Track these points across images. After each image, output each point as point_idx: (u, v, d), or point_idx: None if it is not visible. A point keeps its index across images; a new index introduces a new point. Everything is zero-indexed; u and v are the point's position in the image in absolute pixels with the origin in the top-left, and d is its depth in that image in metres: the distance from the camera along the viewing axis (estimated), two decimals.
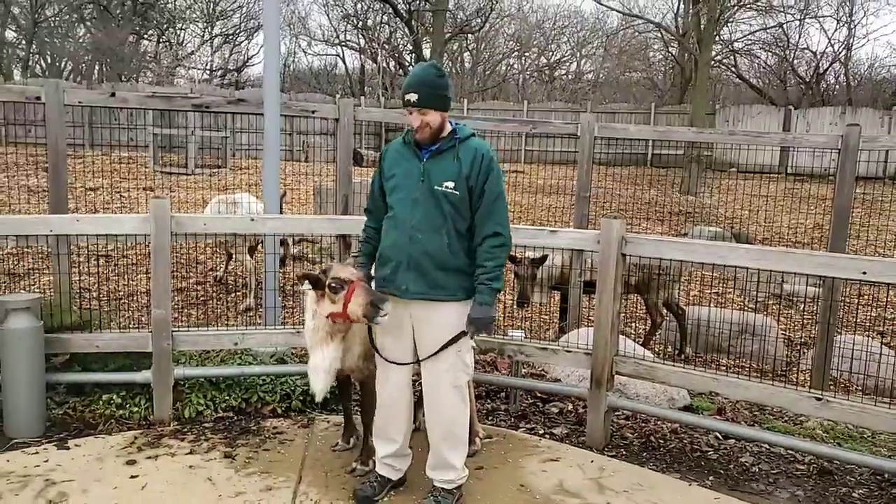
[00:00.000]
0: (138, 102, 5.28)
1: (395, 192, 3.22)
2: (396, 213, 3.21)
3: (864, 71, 30.78)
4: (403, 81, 3.33)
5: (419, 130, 3.15)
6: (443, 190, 3.13)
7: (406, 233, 3.16)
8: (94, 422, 4.15)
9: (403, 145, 3.28)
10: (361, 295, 3.12)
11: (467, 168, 3.13)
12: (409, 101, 3.13)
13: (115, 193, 10.24)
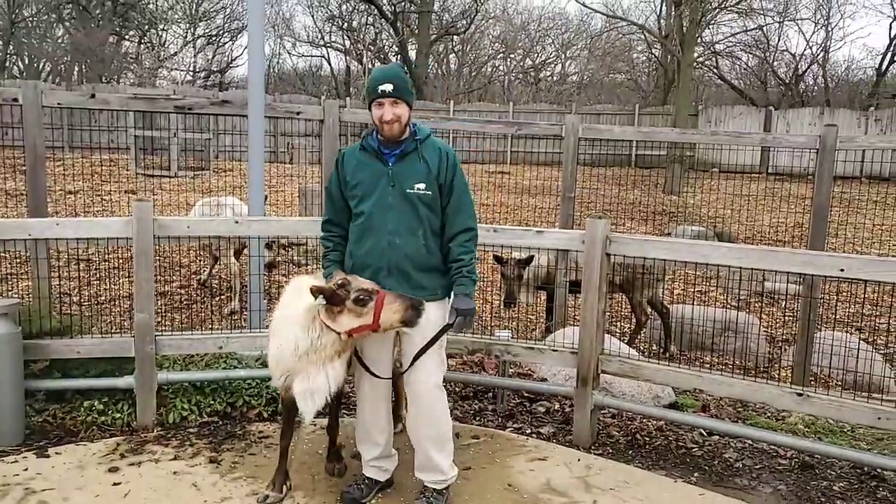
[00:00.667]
0: (120, 104, 5.22)
1: (365, 199, 3.19)
2: (369, 219, 3.17)
3: (841, 72, 31.34)
4: (371, 78, 3.20)
5: (388, 125, 3.11)
6: (415, 192, 3.15)
7: (383, 238, 3.14)
8: (75, 429, 4.08)
9: (362, 151, 3.25)
10: (396, 301, 3.01)
11: (435, 167, 3.19)
12: (383, 92, 3.08)
13: (95, 196, 10.12)
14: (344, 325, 3.00)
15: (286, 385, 3.20)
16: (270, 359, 3.24)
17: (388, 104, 3.10)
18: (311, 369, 3.05)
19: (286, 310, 3.21)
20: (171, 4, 31.39)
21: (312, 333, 3.03)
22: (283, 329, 3.14)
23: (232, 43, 33.52)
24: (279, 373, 3.17)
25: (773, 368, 5.87)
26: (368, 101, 3.19)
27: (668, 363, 4.43)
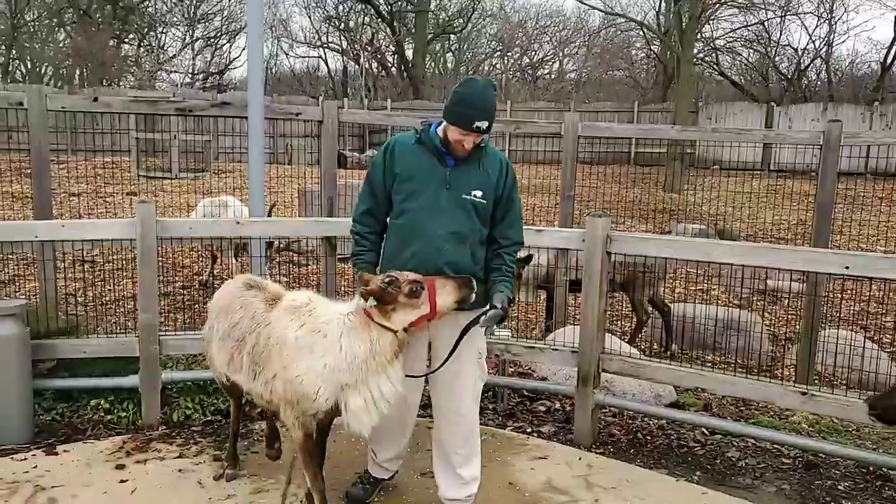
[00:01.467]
0: (122, 107, 5.26)
1: (414, 197, 3.00)
2: (415, 220, 2.99)
3: (844, 67, 31.21)
4: (465, 99, 2.90)
5: (464, 150, 2.96)
6: (471, 199, 3.01)
7: (432, 243, 2.96)
8: (82, 427, 4.13)
9: (419, 145, 3.05)
10: (447, 284, 2.86)
11: (495, 177, 3.07)
12: (478, 129, 2.90)
13: (98, 199, 10.16)
14: (401, 322, 2.82)
15: (326, 409, 2.89)
16: (309, 381, 2.82)
17: (473, 137, 2.93)
18: (371, 378, 2.80)
19: (312, 321, 2.90)
20: (170, 7, 31.43)
21: (370, 337, 2.81)
22: (324, 343, 2.83)
23: (230, 45, 33.59)
24: (328, 393, 2.82)
25: (775, 367, 5.88)
26: (451, 121, 2.93)
27: (670, 362, 4.45)
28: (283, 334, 2.90)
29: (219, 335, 3.22)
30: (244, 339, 3.05)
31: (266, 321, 3.00)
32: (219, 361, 3.24)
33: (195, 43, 32.91)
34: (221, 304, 3.28)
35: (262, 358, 2.96)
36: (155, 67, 30.10)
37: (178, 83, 30.92)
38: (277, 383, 2.91)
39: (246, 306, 3.11)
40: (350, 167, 16.50)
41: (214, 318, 3.29)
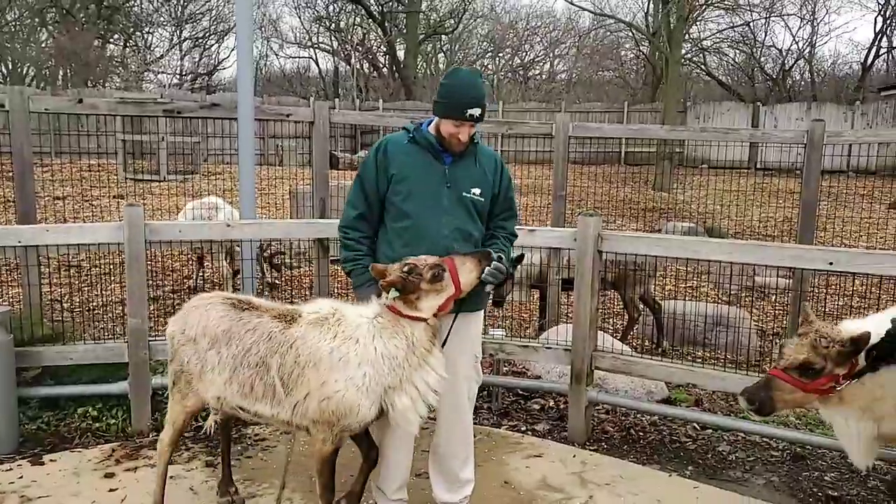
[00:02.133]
0: (108, 108, 5.20)
1: (413, 197, 2.92)
2: (419, 222, 2.92)
3: (827, 67, 31.59)
4: (454, 88, 2.87)
5: (459, 143, 2.91)
6: (471, 197, 2.96)
7: (438, 244, 2.88)
8: (69, 436, 4.07)
9: (413, 144, 2.98)
10: (467, 261, 2.77)
11: (491, 175, 3.05)
12: (471, 116, 2.84)
13: (84, 202, 10.06)
14: (429, 308, 2.72)
15: (371, 420, 2.76)
16: (351, 395, 2.68)
17: (468, 126, 2.88)
18: (415, 374, 2.72)
19: (344, 329, 2.76)
20: (157, 7, 31.19)
21: (405, 333, 2.71)
22: (359, 350, 2.70)
23: (218, 45, 33.38)
24: (371, 402, 2.70)
25: (764, 362, 5.91)
26: (444, 113, 2.90)
27: (661, 358, 4.46)
28: (316, 349, 2.73)
29: (222, 365, 2.90)
30: (265, 363, 2.81)
31: (290, 340, 2.79)
32: (228, 394, 2.91)
33: (183, 43, 32.72)
34: (212, 330, 2.94)
35: (292, 379, 2.76)
36: (142, 68, 29.86)
37: (166, 84, 30.71)
38: (311, 403, 2.74)
39: (257, 328, 2.86)
40: (342, 168, 16.47)
41: (206, 347, 2.94)
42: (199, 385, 3.00)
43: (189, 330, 3.00)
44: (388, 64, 31.59)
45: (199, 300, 3.12)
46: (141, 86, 27.63)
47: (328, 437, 2.78)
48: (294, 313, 2.90)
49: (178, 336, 3.05)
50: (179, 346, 3.04)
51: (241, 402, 2.91)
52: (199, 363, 2.97)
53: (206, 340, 2.94)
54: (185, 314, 3.08)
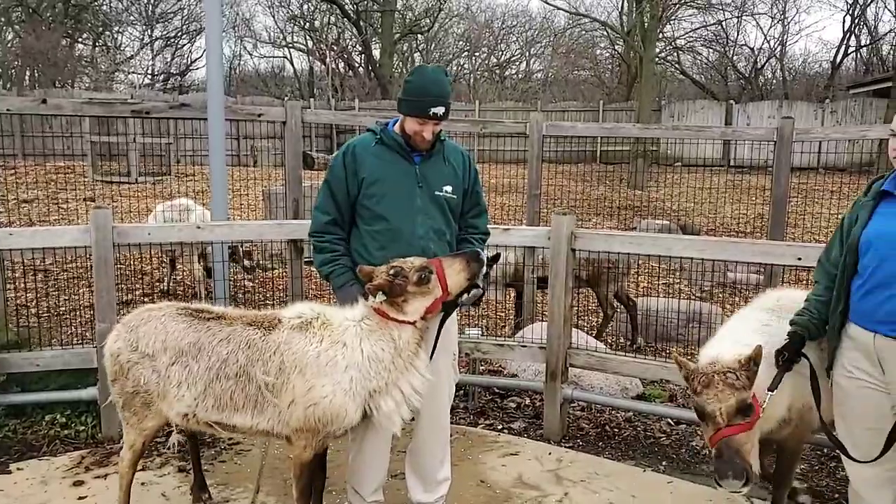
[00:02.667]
0: (74, 109, 5.09)
1: (387, 199, 2.89)
2: (394, 224, 2.89)
3: (798, 66, 32.18)
4: (418, 87, 2.85)
5: (424, 140, 2.89)
6: (443, 195, 2.95)
7: (415, 245, 2.87)
8: (37, 444, 3.99)
9: (380, 146, 2.95)
10: (455, 262, 2.74)
11: (460, 171, 3.04)
12: (435, 115, 2.83)
13: (52, 205, 9.85)
14: (416, 311, 2.69)
15: (355, 424, 2.73)
16: (339, 399, 2.64)
17: (430, 124, 2.87)
18: (401, 376, 2.69)
19: (330, 333, 2.72)
20: (126, 6, 30.64)
21: (392, 336, 2.68)
22: (346, 353, 2.66)
23: (191, 45, 32.87)
24: (356, 406, 2.67)
25: None
26: (408, 112, 2.88)
27: (635, 355, 4.50)
28: (302, 354, 2.66)
29: (192, 379, 2.76)
30: (246, 372, 2.70)
31: (272, 346, 2.71)
32: (201, 409, 2.77)
33: (154, 43, 32.21)
34: (175, 343, 2.79)
35: (276, 387, 2.68)
36: (111, 68, 29.32)
37: (137, 84, 30.20)
38: (296, 410, 2.66)
39: (231, 337, 2.75)
40: (318, 168, 16.34)
41: (169, 362, 2.79)
42: (161, 404, 2.84)
43: (142, 346, 2.83)
44: (363, 63, 31.45)
45: (146, 312, 2.94)
46: (111, 86, 27.12)
47: (310, 443, 2.73)
48: (271, 319, 2.81)
49: (127, 353, 2.86)
50: (130, 365, 2.85)
51: (216, 417, 2.78)
52: (160, 381, 2.81)
53: (167, 355, 2.79)
54: (132, 329, 2.89)
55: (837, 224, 2.74)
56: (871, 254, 2.50)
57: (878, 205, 2.57)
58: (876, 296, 2.49)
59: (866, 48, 29.42)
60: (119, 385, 2.92)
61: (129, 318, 2.97)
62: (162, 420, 2.94)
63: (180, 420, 2.87)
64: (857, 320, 2.58)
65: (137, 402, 2.89)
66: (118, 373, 2.90)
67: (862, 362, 2.57)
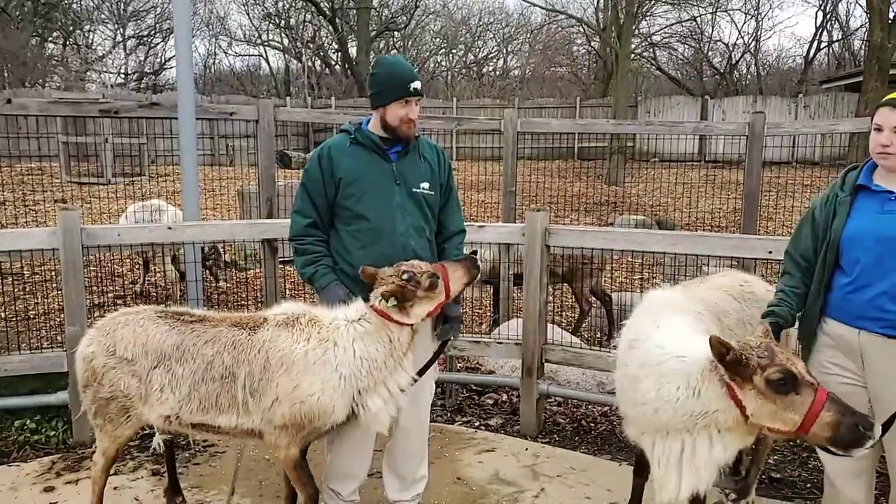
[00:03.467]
0: (40, 109, 5.00)
1: (366, 198, 2.89)
2: (375, 223, 2.89)
3: (772, 61, 32.63)
4: (390, 70, 2.89)
5: (410, 124, 2.90)
6: (421, 192, 2.96)
7: (396, 243, 2.88)
8: (6, 450, 3.93)
9: (355, 146, 2.94)
10: (458, 269, 2.82)
11: (436, 167, 3.05)
12: (415, 90, 2.85)
13: (23, 207, 9.66)
14: (419, 315, 2.73)
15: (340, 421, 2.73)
16: (326, 397, 2.63)
17: (414, 103, 2.88)
18: (389, 376, 2.72)
19: (318, 331, 2.70)
20: (97, 4, 30.08)
21: (389, 336, 2.70)
22: (337, 352, 2.66)
23: (164, 43, 32.33)
24: (343, 404, 2.67)
25: None
26: (389, 99, 2.87)
27: (610, 350, 4.53)
28: (288, 352, 2.64)
29: (176, 382, 2.72)
30: (232, 373, 2.68)
31: (258, 345, 2.69)
32: (185, 411, 2.74)
33: (127, 42, 31.69)
34: (156, 347, 2.74)
35: (262, 385, 2.66)
36: (83, 68, 28.80)
37: (110, 84, 29.70)
38: (282, 407, 2.64)
39: (217, 339, 2.72)
40: (295, 167, 16.21)
41: (150, 366, 2.74)
42: (141, 408, 2.80)
43: (120, 350, 2.78)
44: (339, 61, 31.27)
45: (122, 316, 2.89)
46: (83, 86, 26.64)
47: (294, 440, 2.71)
48: (256, 319, 2.79)
49: (103, 358, 2.79)
50: (106, 370, 2.79)
51: (200, 418, 2.75)
52: (140, 385, 2.76)
53: (148, 359, 2.75)
54: (108, 333, 2.83)
55: (806, 214, 2.73)
56: (857, 251, 2.49)
57: (854, 199, 2.56)
58: (865, 293, 2.47)
59: (838, 43, 29.97)
60: (92, 391, 2.85)
61: (105, 323, 2.90)
62: (140, 425, 2.89)
63: (161, 423, 2.82)
64: (838, 316, 2.56)
65: (113, 408, 2.83)
66: (91, 378, 2.84)
67: (840, 358, 2.57)
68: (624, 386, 2.64)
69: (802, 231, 2.72)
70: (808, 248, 2.67)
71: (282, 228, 4.22)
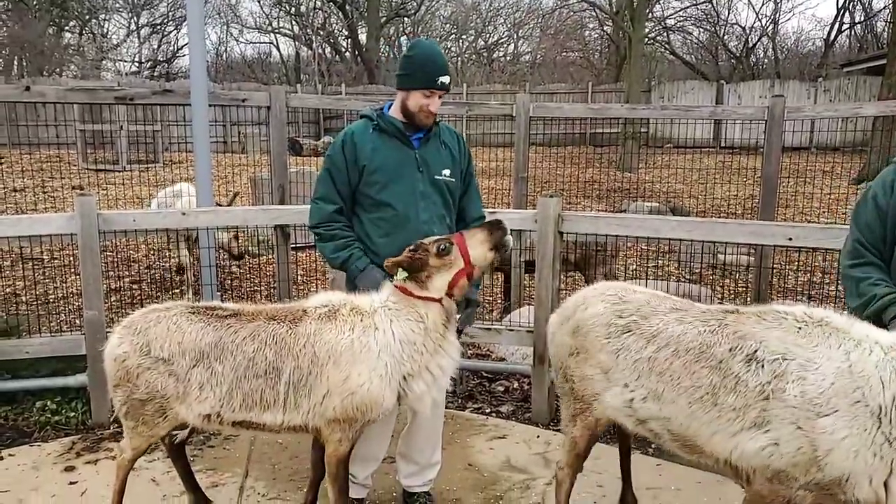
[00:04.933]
0: (58, 96, 5.05)
1: (390, 186, 2.88)
2: (399, 211, 2.88)
3: (790, 44, 32.07)
4: (421, 58, 2.86)
5: (430, 115, 2.89)
6: (443, 179, 2.95)
7: (418, 230, 2.86)
8: (28, 430, 4.01)
9: (378, 132, 2.92)
10: (477, 233, 2.69)
11: (457, 153, 3.05)
12: (442, 85, 2.83)
13: (42, 193, 9.78)
14: (440, 286, 2.64)
15: (389, 409, 2.68)
16: (375, 386, 2.57)
17: (437, 96, 2.87)
18: (431, 359, 2.66)
19: (360, 319, 2.64)
20: None
21: (420, 314, 2.63)
22: (379, 337, 2.60)
23: (177, 32, 32.41)
24: (392, 391, 2.61)
25: None
26: (414, 86, 2.86)
27: None
28: (335, 343, 2.58)
29: (216, 380, 2.64)
30: (276, 368, 2.60)
31: (301, 340, 2.61)
32: (226, 409, 2.65)
33: (141, 30, 31.80)
34: (194, 345, 2.65)
35: (311, 379, 2.59)
36: (98, 56, 28.96)
37: (124, 72, 29.86)
38: (333, 401, 2.58)
39: (256, 334, 2.64)
40: (306, 154, 16.24)
41: (189, 365, 2.65)
42: (179, 408, 2.70)
43: (156, 349, 2.67)
44: (350, 48, 31.17)
45: (153, 314, 2.77)
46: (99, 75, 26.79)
47: (345, 435, 2.65)
48: (294, 312, 2.72)
49: (137, 358, 2.69)
50: (141, 371, 2.68)
51: (243, 416, 2.66)
52: (178, 385, 2.66)
53: (186, 358, 2.65)
54: (141, 331, 2.72)
55: (862, 202, 2.60)
56: None
57: None
58: None
59: (860, 25, 29.33)
60: (125, 391, 2.75)
61: (135, 320, 2.79)
62: (175, 424, 2.80)
63: (200, 422, 2.73)
64: None
65: (149, 409, 2.73)
66: (124, 378, 2.73)
67: None
68: None
69: (864, 219, 2.62)
70: (877, 235, 2.58)
71: (294, 214, 4.25)
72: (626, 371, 2.53)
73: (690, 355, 2.40)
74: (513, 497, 3.36)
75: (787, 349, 2.24)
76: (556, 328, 2.87)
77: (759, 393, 2.22)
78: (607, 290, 2.80)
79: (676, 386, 2.40)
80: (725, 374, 2.30)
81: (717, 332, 2.40)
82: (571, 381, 2.75)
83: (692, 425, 2.37)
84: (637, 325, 2.58)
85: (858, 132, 13.31)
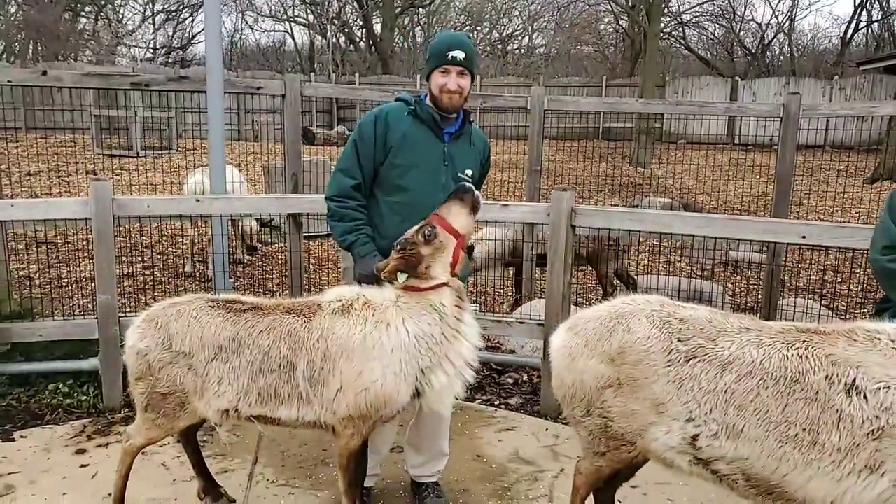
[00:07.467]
0: (73, 81, 5.06)
1: (414, 173, 2.89)
2: (418, 198, 2.87)
3: (807, 41, 31.70)
4: (437, 41, 2.92)
5: (451, 95, 2.86)
6: (464, 178, 2.97)
7: None
8: (40, 412, 4.05)
9: (413, 117, 2.92)
10: (452, 206, 2.67)
11: (481, 155, 3.11)
12: (454, 59, 2.82)
13: (56, 178, 9.85)
14: (443, 269, 2.64)
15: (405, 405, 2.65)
16: (389, 382, 2.55)
17: (455, 73, 2.85)
18: (451, 347, 2.62)
19: (374, 313, 2.62)
20: None
21: (432, 304, 2.61)
22: (392, 333, 2.58)
23: (192, 18, 32.39)
24: (408, 386, 2.59)
25: None
26: (430, 67, 2.91)
27: None
28: (347, 338, 2.56)
29: (233, 375, 2.64)
30: (290, 363, 2.60)
31: (315, 334, 2.60)
32: (243, 404, 2.65)
33: (156, 16, 31.84)
34: (213, 339, 2.65)
35: (324, 374, 2.58)
36: (114, 42, 29.04)
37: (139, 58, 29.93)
38: (346, 397, 2.57)
39: (272, 328, 2.64)
40: (318, 144, 16.24)
41: (208, 359, 2.65)
42: (197, 403, 2.70)
43: (176, 343, 2.66)
44: (364, 38, 31.07)
45: (173, 308, 2.76)
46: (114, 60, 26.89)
47: (359, 430, 2.64)
48: (309, 306, 2.72)
49: (158, 352, 2.68)
50: (162, 365, 2.68)
51: (259, 411, 2.67)
52: (197, 379, 2.66)
53: (205, 352, 2.64)
54: (162, 325, 2.71)
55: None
56: None
57: None
58: None
59: (878, 23, 28.93)
60: (145, 384, 2.74)
61: (155, 314, 2.77)
62: (195, 418, 2.80)
63: (219, 417, 2.73)
64: None
65: (171, 402, 2.73)
66: (146, 372, 2.72)
67: None
68: None
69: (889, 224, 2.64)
70: None
71: (307, 203, 4.26)
72: (690, 404, 2.21)
73: (780, 385, 2.09)
74: (520, 489, 3.37)
75: (889, 375, 1.99)
76: (577, 353, 2.44)
77: (868, 429, 1.97)
78: (648, 306, 2.44)
79: (763, 421, 2.10)
80: (824, 408, 2.02)
81: (806, 356, 2.11)
82: (607, 418, 2.39)
83: (780, 468, 2.08)
84: (704, 350, 2.24)
85: (874, 131, 13.16)
